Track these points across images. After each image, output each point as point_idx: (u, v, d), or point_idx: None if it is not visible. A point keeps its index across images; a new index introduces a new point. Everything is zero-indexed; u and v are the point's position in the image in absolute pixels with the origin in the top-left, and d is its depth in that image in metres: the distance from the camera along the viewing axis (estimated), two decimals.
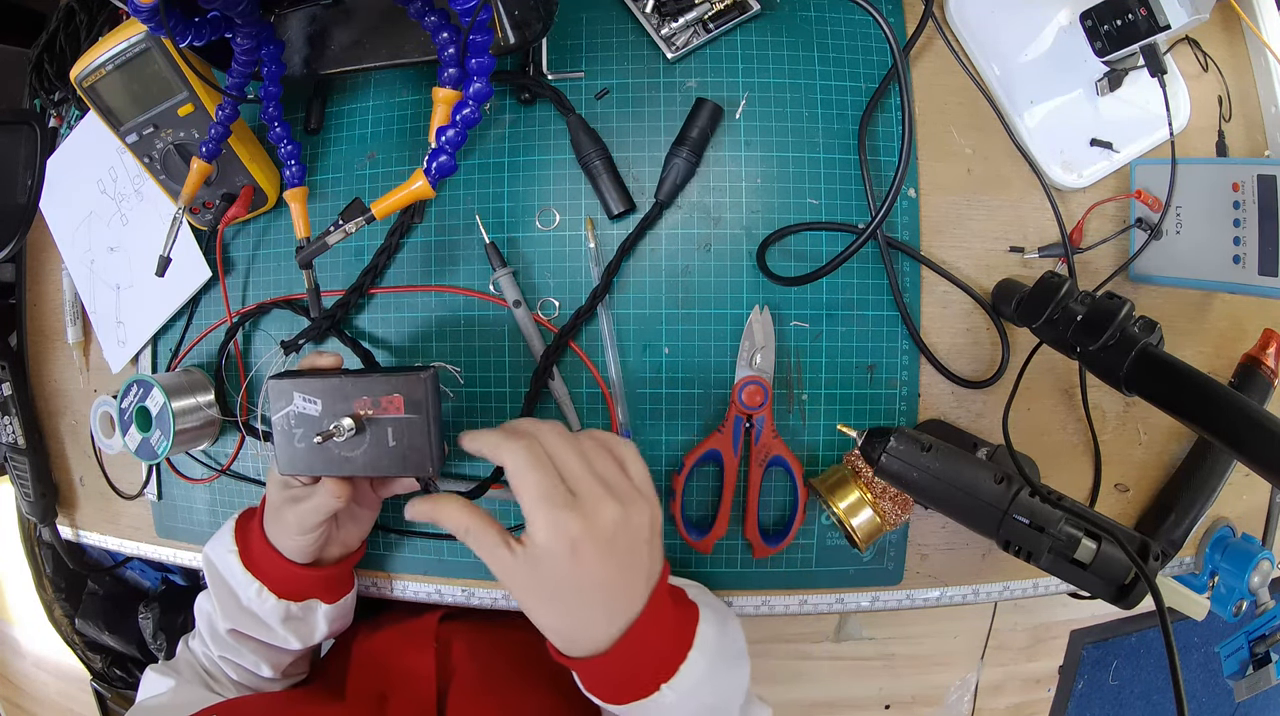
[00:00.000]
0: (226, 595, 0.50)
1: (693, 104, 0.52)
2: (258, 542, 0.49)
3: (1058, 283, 0.46)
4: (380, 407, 0.45)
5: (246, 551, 0.49)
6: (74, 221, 0.65)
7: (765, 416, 0.51)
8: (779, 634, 1.31)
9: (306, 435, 0.46)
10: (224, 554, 0.50)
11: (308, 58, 0.51)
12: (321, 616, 0.51)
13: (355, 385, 0.46)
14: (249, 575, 0.49)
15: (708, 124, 0.51)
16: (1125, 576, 0.41)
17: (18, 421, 0.68)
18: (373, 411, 0.45)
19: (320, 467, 0.46)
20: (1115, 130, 0.53)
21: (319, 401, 0.46)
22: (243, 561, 0.49)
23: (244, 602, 0.49)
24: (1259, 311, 0.56)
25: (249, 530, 0.50)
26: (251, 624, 0.50)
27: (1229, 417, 0.38)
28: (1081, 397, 0.54)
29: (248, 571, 0.49)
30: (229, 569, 0.49)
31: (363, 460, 0.46)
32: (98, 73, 0.51)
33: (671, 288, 0.53)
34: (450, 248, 0.55)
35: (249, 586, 0.49)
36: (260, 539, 0.49)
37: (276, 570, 0.49)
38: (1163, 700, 1.41)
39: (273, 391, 0.47)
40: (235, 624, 0.50)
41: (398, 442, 0.45)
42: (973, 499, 0.43)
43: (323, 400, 0.46)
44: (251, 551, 0.49)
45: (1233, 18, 0.56)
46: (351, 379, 0.46)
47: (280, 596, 0.49)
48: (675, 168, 0.51)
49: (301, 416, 0.46)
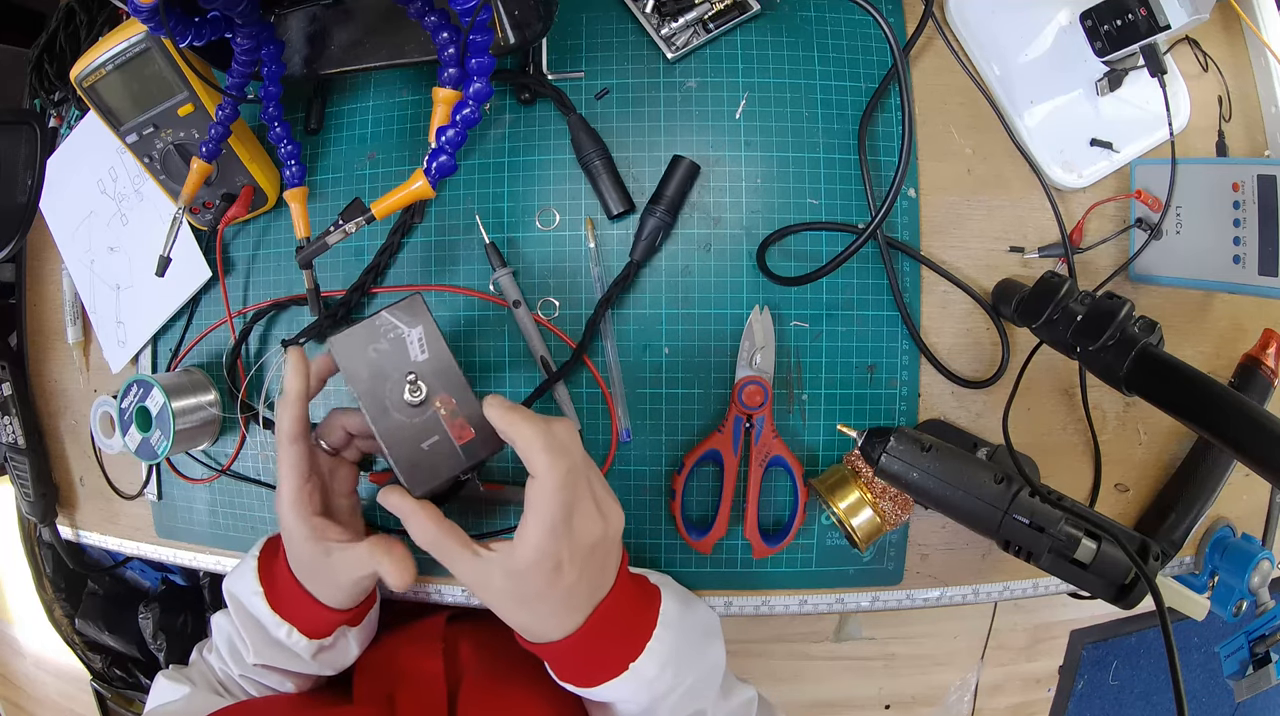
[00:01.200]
0: (255, 631, 0.47)
1: (669, 161, 0.51)
2: (286, 586, 0.46)
3: (1058, 283, 0.46)
4: (450, 417, 0.43)
5: (274, 593, 0.47)
6: (74, 221, 0.65)
7: (765, 416, 0.51)
8: (779, 634, 1.31)
9: (383, 376, 0.43)
10: (249, 595, 0.47)
11: (308, 58, 0.51)
12: (351, 639, 0.50)
13: (459, 383, 0.43)
14: (277, 617, 0.46)
15: (685, 181, 0.51)
16: (1125, 576, 0.41)
17: (18, 421, 0.68)
18: (444, 412, 0.43)
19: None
20: (1115, 130, 0.53)
21: (427, 353, 0.43)
22: (270, 605, 0.47)
23: (274, 638, 0.47)
24: (1259, 311, 0.56)
25: (274, 571, 0.47)
26: (283, 657, 0.48)
27: (1229, 417, 0.38)
28: (1081, 397, 0.54)
29: (276, 614, 0.46)
30: (255, 609, 0.47)
31: (390, 434, 0.43)
32: (98, 73, 0.51)
33: (671, 288, 0.53)
34: (450, 247, 0.55)
35: (279, 628, 0.46)
36: (289, 582, 0.46)
37: (307, 612, 0.46)
38: (1163, 700, 1.41)
39: (400, 312, 0.44)
40: (264, 659, 0.48)
41: (428, 452, 0.43)
42: (973, 499, 0.43)
43: (431, 358, 0.43)
44: (279, 594, 0.47)
45: (1233, 18, 0.57)
46: (463, 374, 0.44)
47: (311, 637, 0.47)
48: (650, 226, 0.51)
49: (392, 350, 0.43)
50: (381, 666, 0.52)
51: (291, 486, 0.44)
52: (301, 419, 0.44)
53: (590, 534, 0.39)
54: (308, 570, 0.46)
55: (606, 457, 0.54)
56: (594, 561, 0.40)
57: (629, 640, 0.41)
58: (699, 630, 0.45)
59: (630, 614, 0.42)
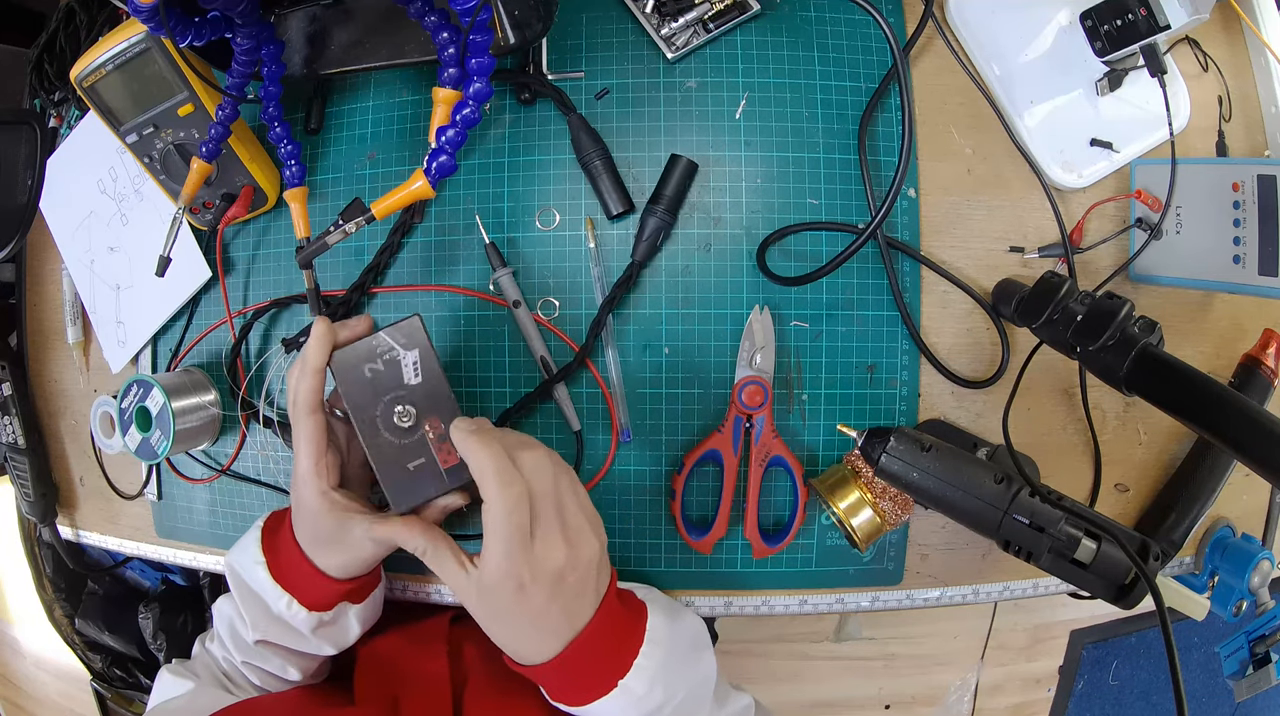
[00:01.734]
0: (255, 605, 0.47)
1: (667, 160, 0.51)
2: (289, 557, 0.46)
3: (1058, 283, 0.46)
4: (438, 441, 0.44)
5: (276, 564, 0.47)
6: (74, 221, 0.65)
7: (765, 416, 0.51)
8: (779, 634, 1.31)
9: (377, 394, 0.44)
10: (251, 566, 0.47)
11: (308, 58, 0.51)
12: (353, 617, 0.50)
13: (449, 409, 0.44)
14: (279, 588, 0.46)
15: (683, 180, 0.51)
16: (1125, 576, 0.41)
17: (18, 421, 0.68)
18: (432, 435, 0.44)
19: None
20: (1115, 130, 0.53)
21: (420, 377, 0.44)
22: (272, 574, 0.47)
23: (274, 613, 0.47)
24: (1259, 311, 0.56)
25: (278, 540, 0.48)
26: (282, 633, 0.48)
27: (1229, 418, 0.38)
28: (1081, 397, 0.54)
29: (277, 584, 0.46)
30: (256, 581, 0.47)
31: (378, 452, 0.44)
32: (98, 73, 0.51)
33: (671, 288, 0.53)
34: (450, 247, 0.55)
35: (279, 599, 0.46)
36: (293, 552, 0.46)
37: (309, 583, 0.46)
38: (1163, 700, 1.41)
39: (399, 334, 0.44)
40: (265, 635, 0.48)
41: (414, 472, 0.44)
42: (973, 499, 0.43)
43: (424, 382, 0.44)
44: (281, 565, 0.47)
45: (1233, 18, 0.57)
46: (454, 401, 0.45)
47: (311, 609, 0.47)
48: (652, 227, 0.51)
49: (386, 372, 0.44)
50: (384, 667, 0.52)
51: (309, 460, 0.44)
52: (319, 390, 0.44)
53: (552, 560, 0.39)
54: (319, 541, 0.46)
55: (606, 458, 0.54)
56: (565, 587, 0.40)
57: (615, 658, 0.41)
58: (687, 643, 0.45)
59: (616, 633, 0.42)
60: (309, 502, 0.44)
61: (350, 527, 0.44)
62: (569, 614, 0.40)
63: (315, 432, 0.44)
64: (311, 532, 0.46)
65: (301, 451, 0.44)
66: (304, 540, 0.46)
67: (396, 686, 0.49)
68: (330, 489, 0.44)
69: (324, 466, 0.44)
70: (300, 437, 0.44)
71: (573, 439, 0.54)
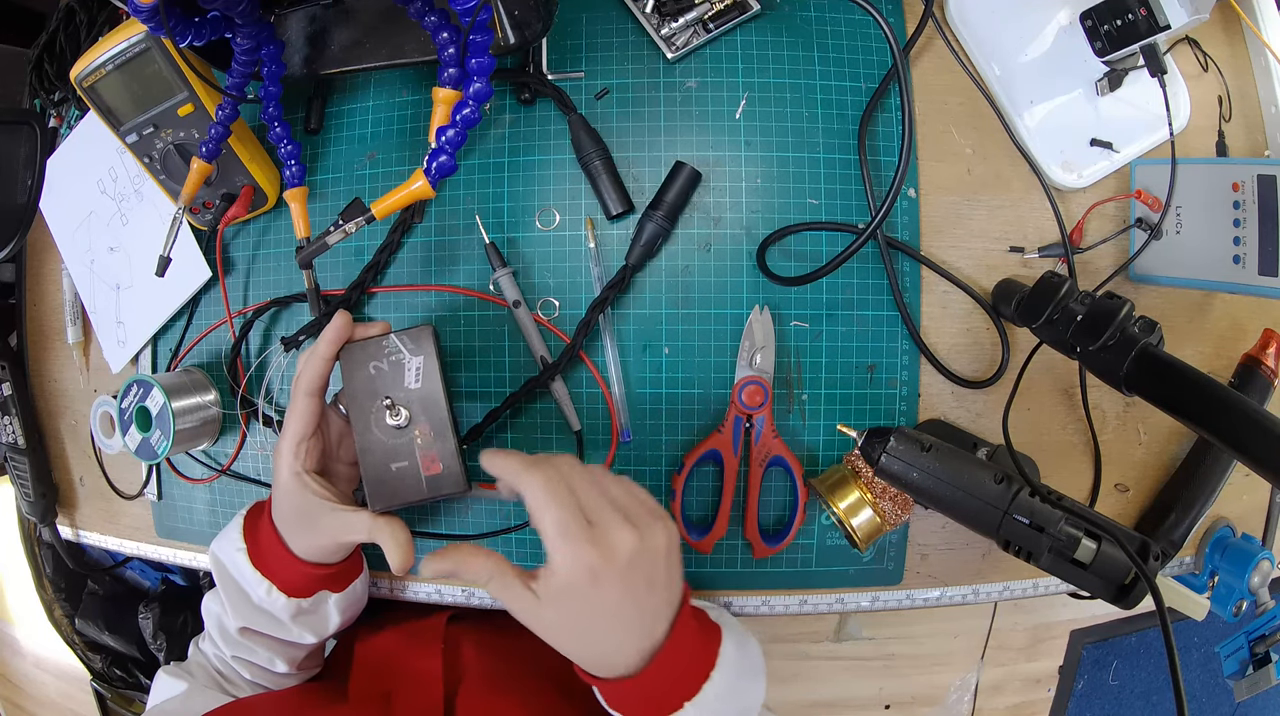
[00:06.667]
0: (236, 593, 0.49)
1: (672, 166, 0.51)
2: (268, 542, 0.48)
3: (1058, 283, 0.46)
4: (424, 448, 0.46)
5: (256, 550, 0.48)
6: (74, 221, 0.65)
7: (765, 416, 0.51)
8: (779, 634, 1.31)
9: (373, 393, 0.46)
10: (232, 552, 0.49)
11: (308, 58, 0.51)
12: (332, 606, 0.50)
13: (441, 419, 0.46)
14: (258, 574, 0.47)
15: (686, 188, 0.51)
16: (1125, 576, 0.41)
17: (18, 421, 0.68)
18: (420, 441, 0.46)
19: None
20: (1115, 130, 0.53)
21: (420, 383, 0.46)
22: (251, 560, 0.48)
23: (255, 601, 0.48)
24: (1259, 311, 0.56)
25: (258, 527, 0.49)
26: (263, 621, 0.49)
27: (1229, 418, 0.38)
28: (1081, 397, 0.54)
29: (257, 570, 0.48)
30: (237, 567, 0.48)
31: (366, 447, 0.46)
32: (98, 73, 0.51)
33: (671, 288, 0.53)
34: (450, 247, 0.55)
35: (258, 585, 0.47)
36: (270, 536, 0.48)
37: (286, 569, 0.48)
38: (1163, 700, 1.41)
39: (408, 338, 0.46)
40: (247, 622, 0.49)
41: (396, 473, 0.46)
42: (973, 499, 0.43)
43: (423, 388, 0.46)
44: (261, 551, 0.48)
45: (1233, 18, 0.56)
46: (449, 412, 0.46)
47: (290, 595, 0.48)
48: (649, 232, 0.51)
49: (390, 372, 0.46)
50: (379, 665, 0.52)
51: (293, 436, 0.46)
52: (324, 377, 0.46)
53: (622, 542, 0.38)
54: (290, 522, 0.47)
55: (607, 458, 0.54)
56: (636, 575, 0.38)
57: (687, 679, 0.40)
58: (750, 669, 0.44)
59: (691, 651, 0.41)
60: (282, 479, 0.46)
61: (318, 512, 0.46)
62: (643, 610, 0.39)
63: (306, 414, 0.46)
64: (283, 511, 0.47)
65: (288, 429, 0.46)
66: (279, 519, 0.48)
67: (389, 683, 0.50)
68: (304, 471, 0.46)
69: (304, 448, 0.46)
70: (292, 415, 0.46)
71: (573, 439, 0.54)
